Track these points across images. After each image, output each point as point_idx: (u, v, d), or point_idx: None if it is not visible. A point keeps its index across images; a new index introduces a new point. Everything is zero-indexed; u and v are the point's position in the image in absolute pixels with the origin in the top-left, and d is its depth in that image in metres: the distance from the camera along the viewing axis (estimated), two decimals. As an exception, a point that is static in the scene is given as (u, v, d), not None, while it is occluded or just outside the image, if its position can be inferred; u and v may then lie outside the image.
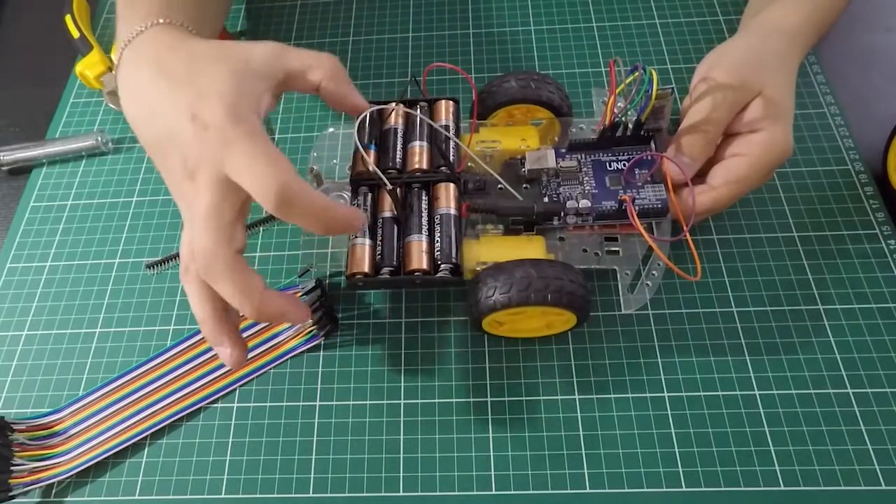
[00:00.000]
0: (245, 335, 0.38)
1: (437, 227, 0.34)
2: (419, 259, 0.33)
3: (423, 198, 0.35)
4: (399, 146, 0.36)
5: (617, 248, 0.35)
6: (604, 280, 0.39)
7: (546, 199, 0.35)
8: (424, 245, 0.33)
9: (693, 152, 0.35)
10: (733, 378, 0.35)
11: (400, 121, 0.38)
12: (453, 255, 0.33)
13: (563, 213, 0.35)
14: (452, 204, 0.35)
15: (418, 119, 0.37)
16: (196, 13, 0.36)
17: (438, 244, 0.33)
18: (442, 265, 0.33)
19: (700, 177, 0.36)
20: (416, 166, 0.36)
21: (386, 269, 0.33)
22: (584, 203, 0.34)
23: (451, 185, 0.35)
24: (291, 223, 0.30)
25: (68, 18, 0.51)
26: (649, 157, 0.35)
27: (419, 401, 0.36)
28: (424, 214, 0.34)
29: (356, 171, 0.36)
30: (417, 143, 0.36)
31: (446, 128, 0.37)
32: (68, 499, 0.35)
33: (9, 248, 0.44)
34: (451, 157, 0.36)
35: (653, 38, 0.49)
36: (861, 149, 0.42)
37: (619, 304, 0.38)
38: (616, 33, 0.49)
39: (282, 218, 0.28)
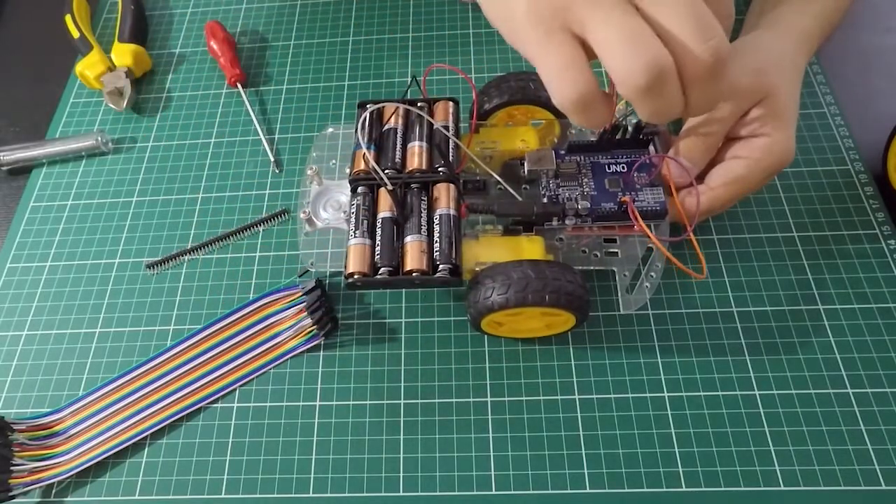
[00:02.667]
0: (245, 335, 0.38)
1: (437, 228, 0.34)
2: (418, 259, 0.33)
3: (423, 198, 0.35)
4: (398, 146, 0.36)
5: (616, 250, 0.35)
6: (603, 280, 0.39)
7: (545, 200, 0.35)
8: (423, 245, 0.33)
9: (694, 156, 0.35)
10: (733, 378, 0.35)
11: (399, 121, 0.38)
12: (452, 255, 0.33)
13: (562, 214, 0.35)
14: (452, 204, 0.35)
15: (417, 119, 0.37)
16: None
17: (437, 244, 0.33)
18: (441, 265, 0.33)
19: (699, 178, 0.36)
20: (416, 166, 0.36)
21: (384, 270, 0.33)
22: (584, 204, 0.34)
23: (451, 186, 0.35)
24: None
25: (68, 18, 0.51)
26: (649, 161, 0.35)
27: (419, 401, 0.36)
28: (423, 215, 0.34)
29: (355, 170, 0.36)
30: (417, 143, 0.36)
31: (446, 128, 0.37)
32: (68, 499, 0.35)
33: (9, 248, 0.44)
34: (451, 158, 0.36)
35: (653, 38, 0.49)
36: (861, 149, 0.42)
37: (619, 304, 0.38)
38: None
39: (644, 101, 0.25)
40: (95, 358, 0.39)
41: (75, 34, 0.51)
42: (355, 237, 0.34)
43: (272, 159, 0.45)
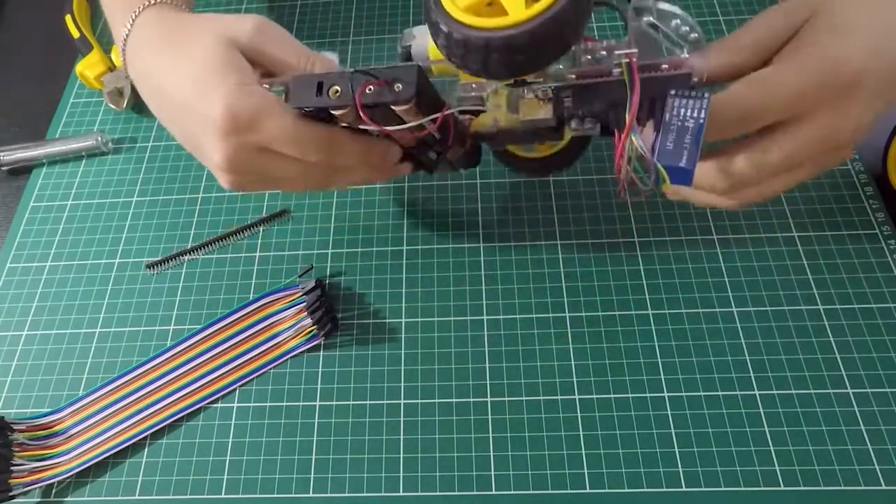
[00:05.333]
0: (245, 335, 0.38)
1: None
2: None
3: None
4: None
5: None
6: (604, 280, 0.39)
7: None
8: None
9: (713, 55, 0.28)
10: (733, 378, 0.35)
11: None
12: None
13: None
14: None
15: None
16: None
17: None
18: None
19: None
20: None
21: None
22: None
23: None
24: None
25: (68, 18, 0.51)
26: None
27: (419, 401, 0.36)
28: None
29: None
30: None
31: None
32: (68, 499, 0.35)
33: (9, 248, 0.44)
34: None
35: (653, 38, 0.49)
36: (861, 149, 0.42)
37: (618, 303, 0.38)
38: (616, 34, 0.49)
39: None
40: (95, 358, 0.39)
41: (75, 34, 0.51)
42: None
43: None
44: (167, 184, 0.45)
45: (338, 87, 0.28)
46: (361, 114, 0.28)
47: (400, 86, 0.27)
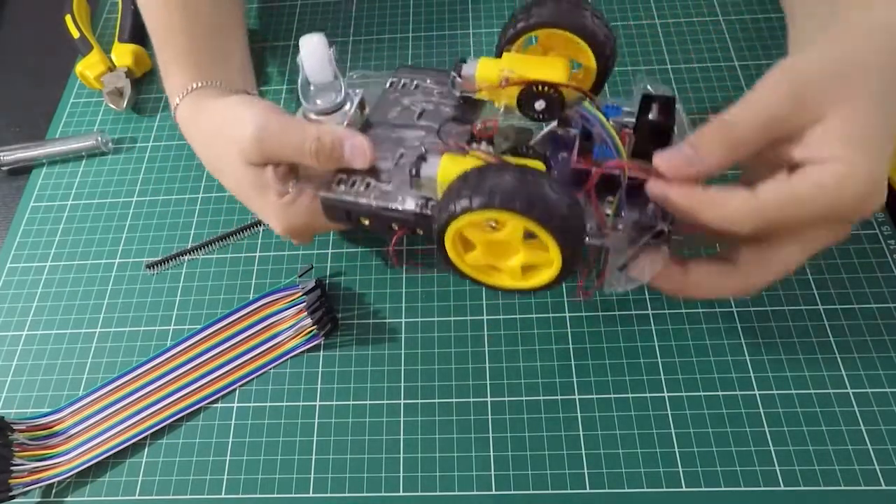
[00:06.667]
0: (245, 335, 0.38)
1: None
2: None
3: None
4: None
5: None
6: (604, 280, 0.39)
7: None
8: None
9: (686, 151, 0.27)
10: (733, 378, 0.35)
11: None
12: None
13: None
14: None
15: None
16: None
17: None
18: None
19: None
20: None
21: None
22: None
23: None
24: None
25: (68, 18, 0.51)
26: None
27: (419, 401, 0.36)
28: None
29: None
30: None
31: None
32: (68, 499, 0.35)
33: (9, 248, 0.44)
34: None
35: (653, 38, 0.49)
36: (861, 149, 0.42)
37: (618, 302, 0.38)
38: (616, 34, 0.49)
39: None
40: (95, 358, 0.39)
41: (75, 34, 0.51)
42: None
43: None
44: (167, 184, 0.45)
45: (366, 221, 0.33)
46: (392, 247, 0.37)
47: (421, 231, 0.32)
